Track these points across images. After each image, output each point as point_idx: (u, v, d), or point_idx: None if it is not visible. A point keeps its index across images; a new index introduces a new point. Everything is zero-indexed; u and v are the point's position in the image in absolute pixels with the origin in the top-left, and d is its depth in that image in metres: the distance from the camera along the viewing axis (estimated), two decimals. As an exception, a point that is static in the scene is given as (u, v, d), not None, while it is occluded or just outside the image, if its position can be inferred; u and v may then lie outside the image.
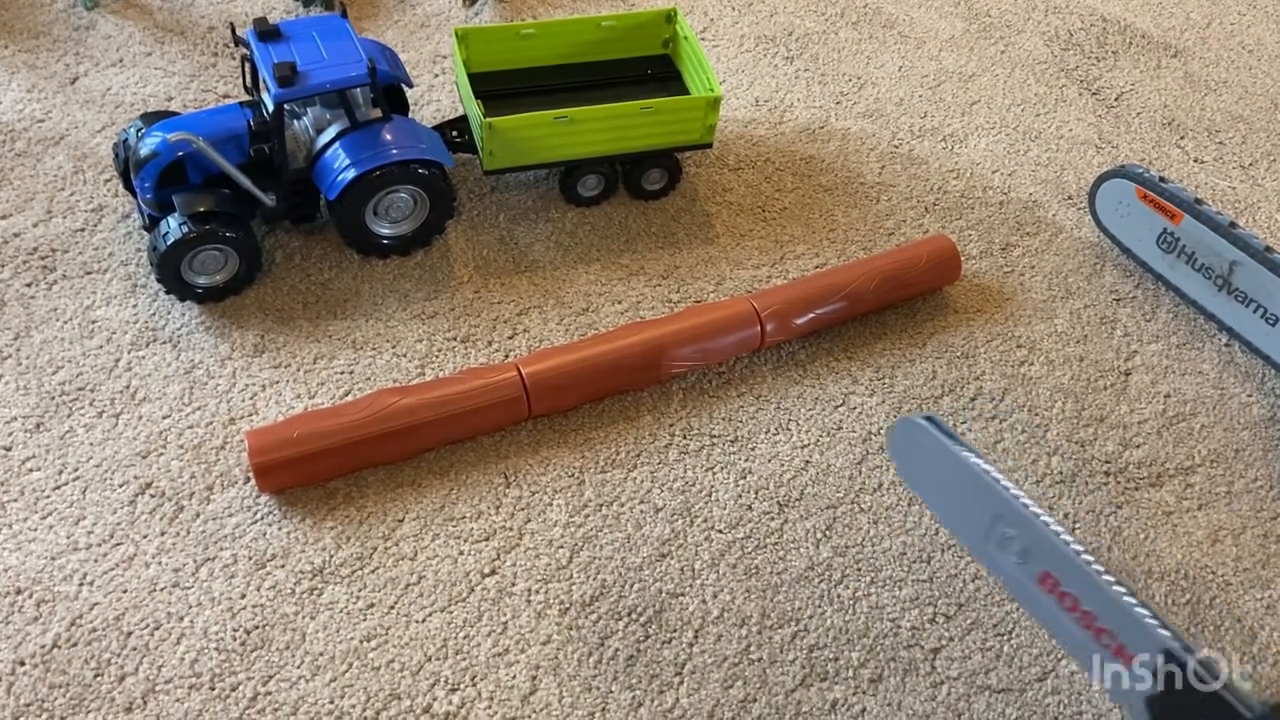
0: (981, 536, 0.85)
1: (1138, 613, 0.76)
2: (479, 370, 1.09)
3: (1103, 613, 0.78)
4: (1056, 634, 0.83)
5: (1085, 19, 1.67)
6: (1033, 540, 0.80)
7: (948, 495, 0.89)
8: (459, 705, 0.90)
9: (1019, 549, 0.82)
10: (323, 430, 1.02)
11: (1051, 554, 0.79)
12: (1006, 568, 0.84)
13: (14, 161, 1.29)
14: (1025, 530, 0.81)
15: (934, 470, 0.89)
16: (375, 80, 1.12)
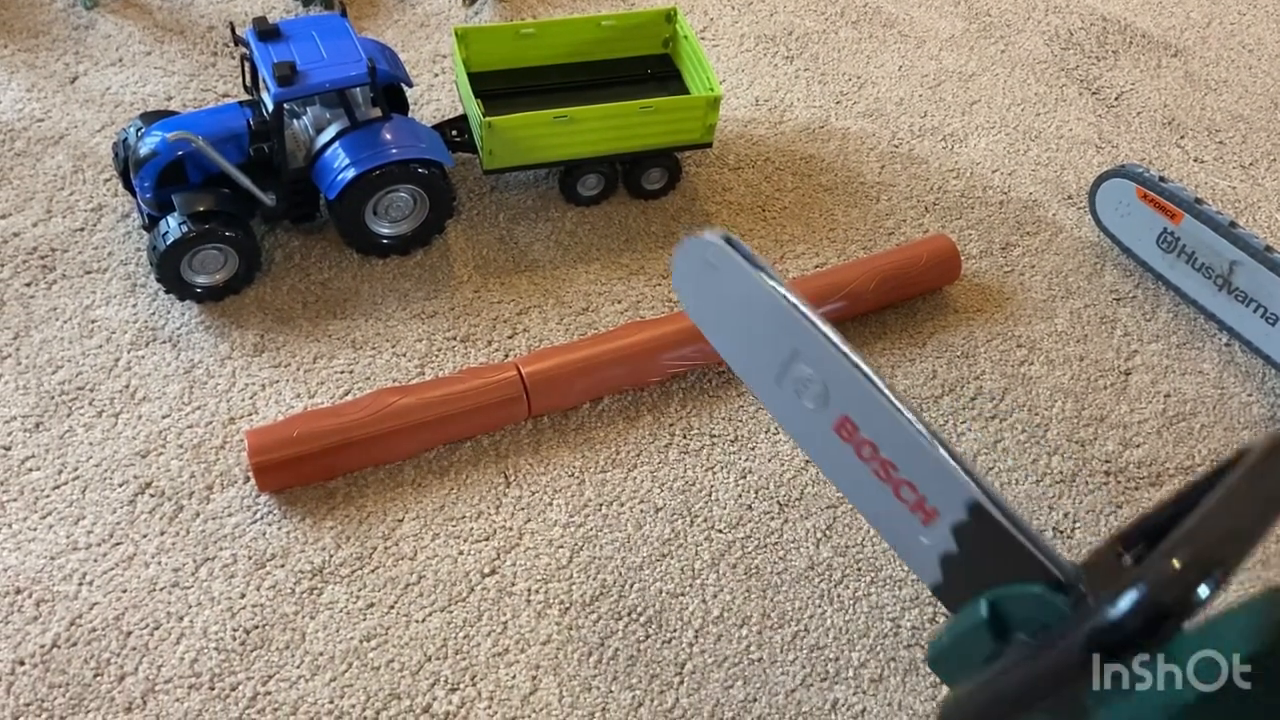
0: (774, 379, 0.73)
1: (941, 458, 0.66)
2: (479, 370, 1.09)
3: (903, 461, 0.68)
4: (852, 494, 0.74)
5: (1085, 18, 1.67)
6: (832, 378, 0.70)
7: (739, 329, 0.76)
8: (459, 705, 0.90)
9: (816, 391, 0.71)
10: (322, 430, 1.02)
11: (851, 393, 0.69)
12: (800, 416, 0.73)
13: (13, 161, 1.29)
14: (824, 367, 0.70)
15: (725, 300, 0.75)
16: (375, 80, 1.12)
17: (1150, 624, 0.53)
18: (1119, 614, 0.53)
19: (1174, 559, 0.53)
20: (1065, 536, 1.05)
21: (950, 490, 0.67)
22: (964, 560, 0.68)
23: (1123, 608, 0.53)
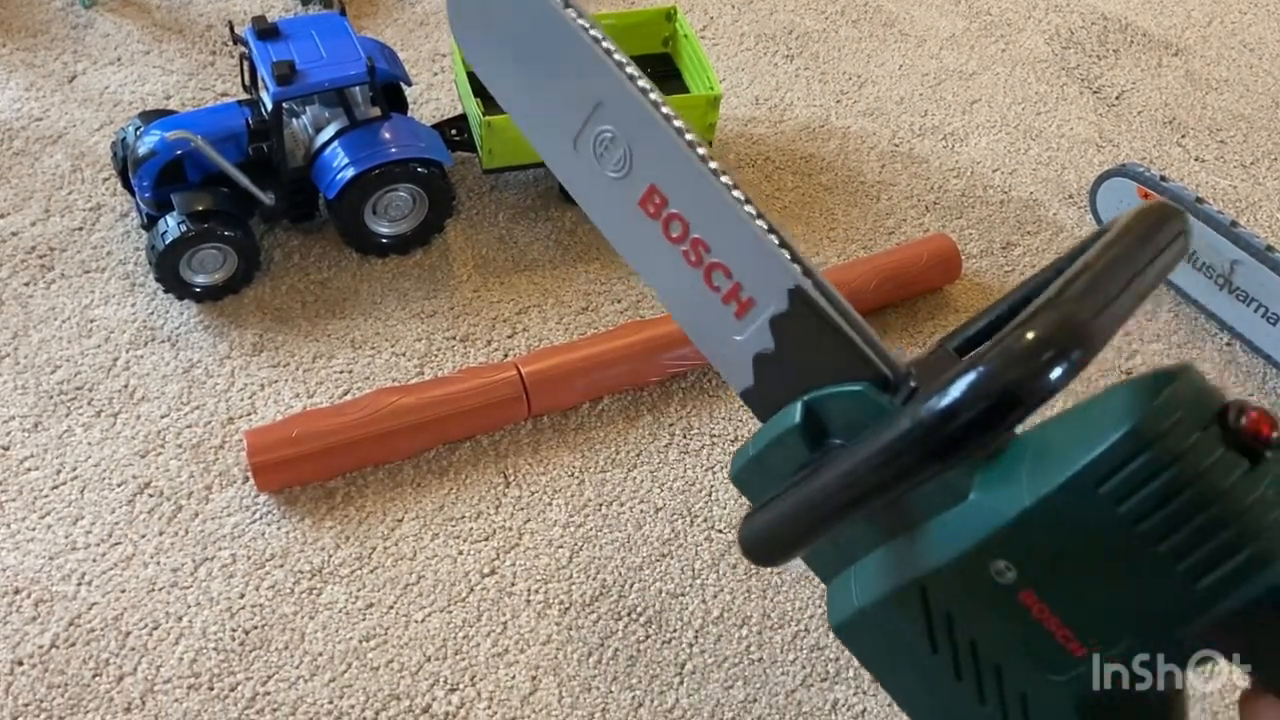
0: (570, 140, 0.61)
1: (761, 235, 0.56)
2: (478, 369, 1.09)
3: (718, 241, 0.58)
4: (657, 283, 0.62)
5: (1086, 17, 1.67)
6: (638, 136, 0.58)
7: (531, 78, 0.62)
8: (458, 705, 0.90)
9: (620, 155, 0.59)
10: (322, 429, 1.02)
11: (661, 155, 0.58)
12: (599, 187, 0.61)
13: (12, 160, 1.29)
14: (630, 124, 0.58)
15: (516, 40, 0.61)
16: (374, 79, 1.12)
17: (992, 412, 0.43)
18: (954, 399, 0.43)
19: (1026, 332, 0.44)
20: (1066, 536, 1.05)
21: (771, 275, 0.57)
22: (781, 359, 0.57)
23: (957, 392, 0.43)
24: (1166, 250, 0.49)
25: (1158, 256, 0.49)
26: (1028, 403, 0.44)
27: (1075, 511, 0.47)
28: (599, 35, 0.58)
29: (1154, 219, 0.50)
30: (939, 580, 0.52)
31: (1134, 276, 0.46)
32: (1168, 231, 0.50)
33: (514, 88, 0.64)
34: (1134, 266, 0.46)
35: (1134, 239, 0.48)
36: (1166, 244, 0.49)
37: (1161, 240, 0.49)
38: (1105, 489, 0.45)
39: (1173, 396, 0.44)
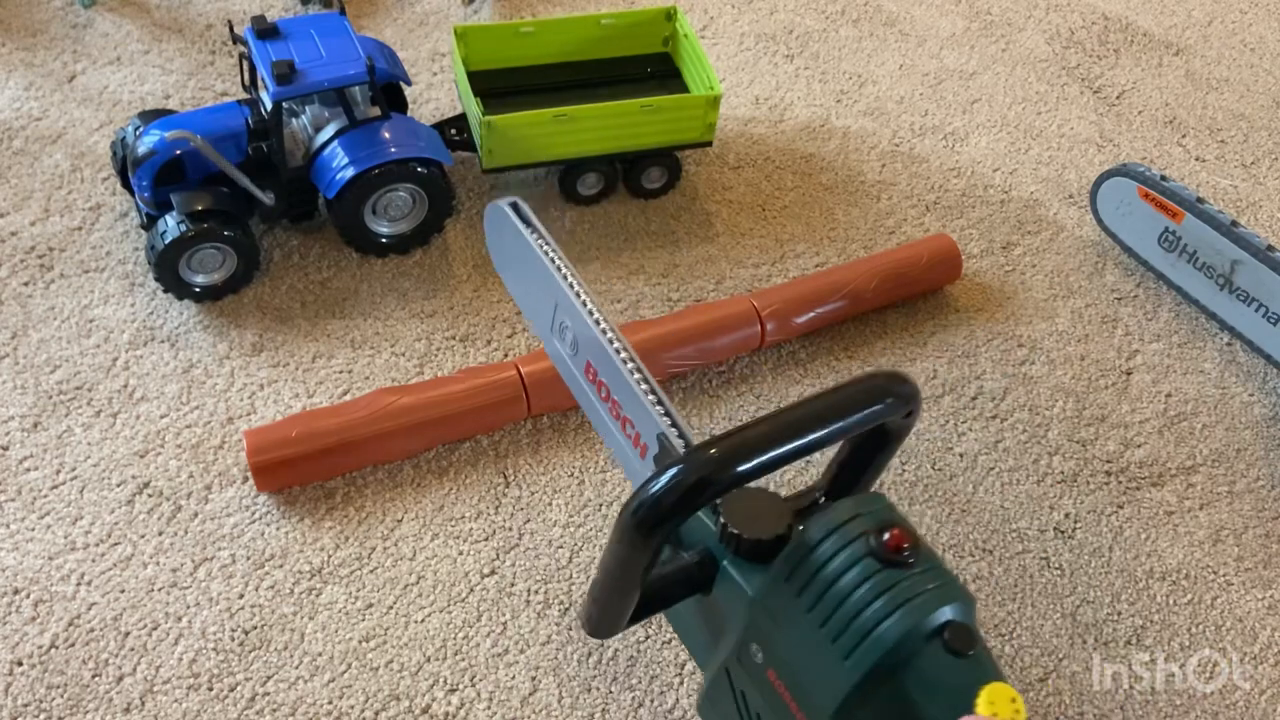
0: (549, 327, 0.86)
1: (639, 396, 0.76)
2: (477, 369, 1.09)
3: (623, 400, 0.79)
4: (598, 426, 0.84)
5: (1086, 17, 1.67)
6: (579, 330, 0.81)
7: (526, 284, 0.87)
8: (458, 706, 0.90)
9: (571, 339, 0.83)
10: (321, 430, 1.01)
11: (591, 343, 0.80)
12: (565, 359, 0.85)
13: (11, 160, 1.29)
14: (574, 319, 0.81)
15: (515, 257, 0.87)
16: (374, 78, 1.12)
17: (684, 497, 0.60)
18: (658, 486, 0.60)
19: (713, 449, 0.61)
20: (1066, 537, 1.05)
21: (647, 425, 0.76)
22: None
23: (661, 481, 0.60)
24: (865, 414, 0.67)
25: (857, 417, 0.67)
26: (709, 491, 0.61)
27: (777, 600, 0.63)
28: (554, 254, 0.82)
29: (869, 388, 0.67)
30: (733, 663, 0.69)
31: (811, 419, 0.65)
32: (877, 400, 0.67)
33: (521, 292, 0.90)
34: (814, 413, 0.65)
35: (830, 404, 0.66)
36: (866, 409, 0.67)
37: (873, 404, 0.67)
38: (789, 582, 0.63)
39: (837, 516, 0.63)
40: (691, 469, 0.61)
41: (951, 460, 1.10)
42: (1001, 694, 0.56)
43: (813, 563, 0.61)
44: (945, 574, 0.61)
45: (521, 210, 0.85)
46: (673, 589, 0.68)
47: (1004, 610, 0.99)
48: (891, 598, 0.58)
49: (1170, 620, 1.00)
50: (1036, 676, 0.95)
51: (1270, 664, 0.98)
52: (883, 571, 0.59)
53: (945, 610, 0.59)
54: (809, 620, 0.61)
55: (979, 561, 1.02)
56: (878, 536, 0.60)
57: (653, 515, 0.61)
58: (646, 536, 0.62)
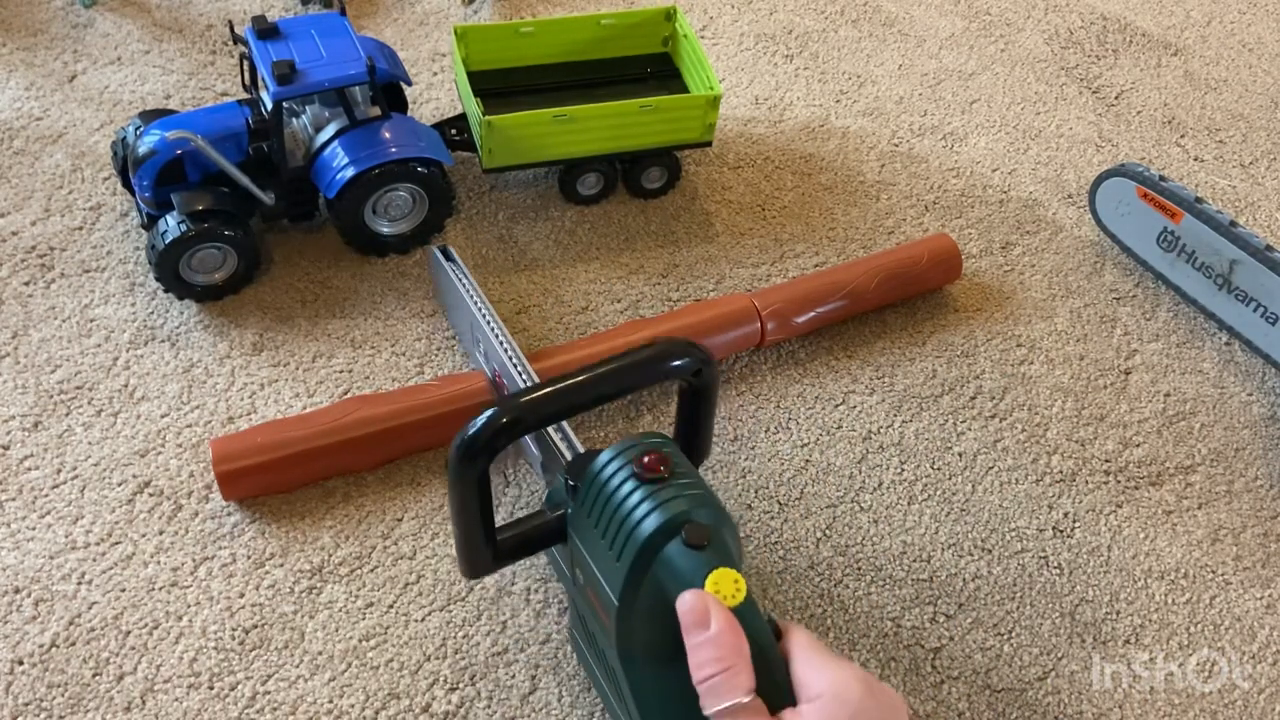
0: (473, 345, 1.08)
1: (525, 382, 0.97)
2: (453, 377, 1.08)
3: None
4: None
5: (1085, 17, 1.67)
6: (486, 345, 1.03)
7: (457, 312, 1.11)
8: (458, 704, 0.90)
9: (483, 352, 1.05)
10: (288, 438, 1.00)
11: (495, 355, 1.01)
12: (483, 367, 1.07)
13: (12, 160, 1.29)
14: (485, 339, 1.03)
15: (446, 291, 1.12)
16: (374, 78, 1.12)
17: (496, 433, 0.73)
18: (476, 425, 0.73)
19: (522, 396, 0.74)
20: (1065, 536, 1.05)
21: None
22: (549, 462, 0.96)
23: (479, 422, 0.73)
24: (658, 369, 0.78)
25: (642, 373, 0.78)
26: (514, 431, 0.74)
27: (579, 524, 0.76)
28: (469, 287, 1.07)
29: (654, 351, 0.78)
30: (572, 591, 0.83)
31: (589, 387, 0.76)
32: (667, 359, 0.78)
33: (454, 316, 1.13)
34: (620, 370, 0.77)
35: (620, 365, 0.77)
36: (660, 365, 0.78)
37: (659, 365, 0.78)
38: (583, 506, 0.75)
39: (615, 449, 0.75)
40: (502, 411, 0.73)
41: (950, 459, 1.10)
42: (725, 576, 0.68)
43: (594, 486, 0.74)
44: (700, 488, 0.73)
45: (451, 255, 1.12)
46: (538, 537, 0.81)
47: (1002, 609, 0.99)
48: (647, 504, 0.70)
49: (1169, 619, 1.00)
50: (1035, 675, 0.96)
51: (1269, 663, 0.98)
52: (642, 486, 0.71)
53: (692, 512, 0.70)
54: (595, 534, 0.74)
55: (977, 560, 1.03)
56: (639, 460, 0.72)
57: (471, 449, 0.73)
58: (468, 466, 0.74)
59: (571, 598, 0.85)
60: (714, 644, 0.66)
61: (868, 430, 1.12)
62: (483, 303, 1.05)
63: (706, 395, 0.83)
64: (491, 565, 0.81)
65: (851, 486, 1.07)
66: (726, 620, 0.66)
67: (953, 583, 1.01)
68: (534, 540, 0.81)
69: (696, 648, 0.67)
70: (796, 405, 1.13)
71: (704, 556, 0.69)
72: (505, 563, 0.81)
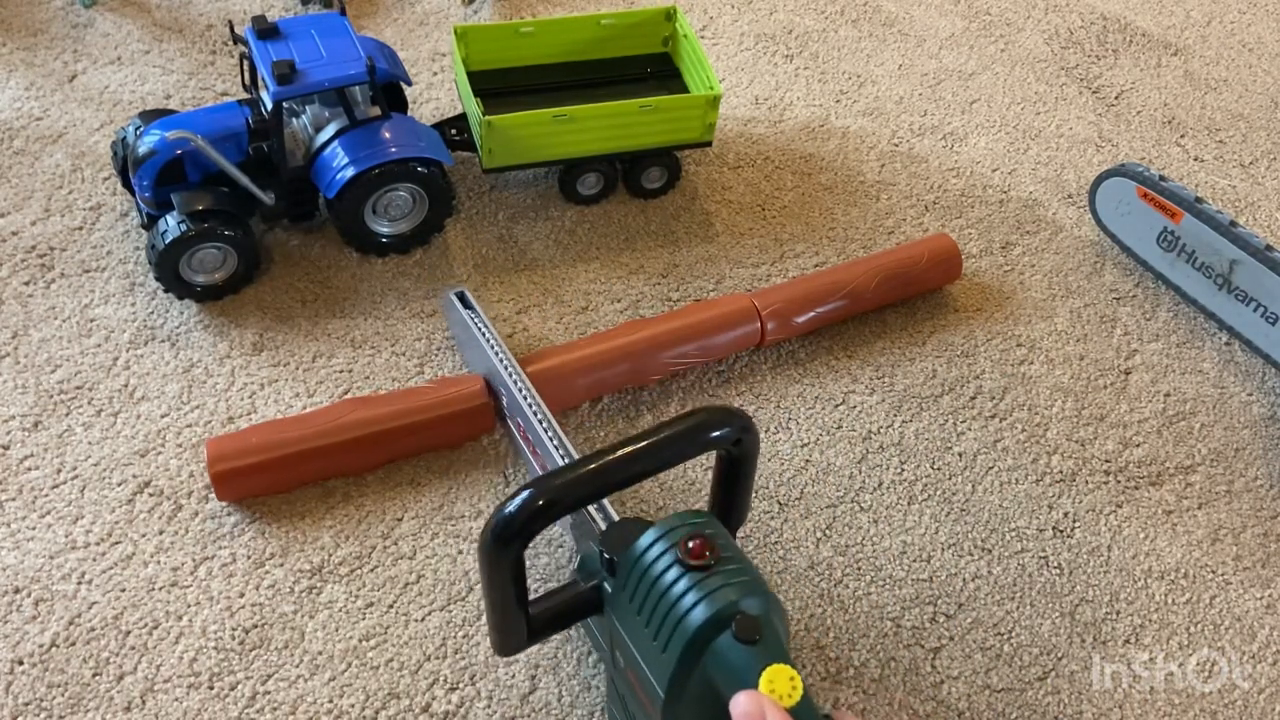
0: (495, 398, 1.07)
1: (553, 449, 0.95)
2: (449, 380, 1.07)
3: (543, 453, 0.97)
4: (530, 472, 1.03)
5: (1085, 17, 1.67)
6: (510, 399, 1.02)
7: (474, 356, 1.10)
8: (458, 704, 0.90)
9: (506, 404, 1.04)
10: (283, 439, 1.00)
11: (518, 409, 1.00)
12: (506, 418, 1.06)
13: (12, 159, 1.29)
14: (507, 392, 1.02)
15: (463, 336, 1.11)
16: (374, 78, 1.12)
17: (532, 515, 0.69)
18: (511, 507, 0.70)
19: (558, 477, 0.71)
20: (1065, 536, 1.05)
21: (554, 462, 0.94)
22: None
23: (514, 502, 0.70)
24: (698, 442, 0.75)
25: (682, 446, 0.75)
26: (553, 512, 0.70)
27: (620, 607, 0.73)
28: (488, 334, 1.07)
29: (694, 423, 0.75)
30: (612, 670, 0.79)
31: (629, 464, 0.73)
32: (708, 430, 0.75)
33: (471, 357, 1.12)
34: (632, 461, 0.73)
35: (659, 438, 0.74)
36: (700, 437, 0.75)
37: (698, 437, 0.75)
38: (625, 590, 0.72)
39: (656, 530, 0.71)
40: (539, 492, 0.70)
41: (950, 459, 1.10)
42: (780, 674, 0.64)
43: (637, 571, 0.71)
44: (747, 574, 0.69)
45: (466, 298, 1.12)
46: (572, 610, 0.78)
47: (1002, 609, 0.99)
48: (693, 595, 0.67)
49: (1169, 619, 1.00)
50: (1035, 675, 0.96)
51: (1269, 663, 0.98)
52: (687, 574, 0.68)
53: (741, 603, 0.67)
54: (639, 621, 0.70)
55: (977, 560, 1.03)
56: (684, 545, 0.69)
57: (506, 531, 0.70)
58: (503, 549, 0.70)
59: (609, 675, 0.82)
60: None
61: (868, 430, 1.12)
62: (504, 353, 1.04)
63: (747, 463, 0.80)
64: (525, 642, 0.78)
65: (851, 486, 1.07)
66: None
67: (953, 583, 1.01)
68: (569, 614, 0.78)
69: None
70: (796, 405, 1.13)
71: (757, 652, 0.66)
72: (539, 639, 0.78)
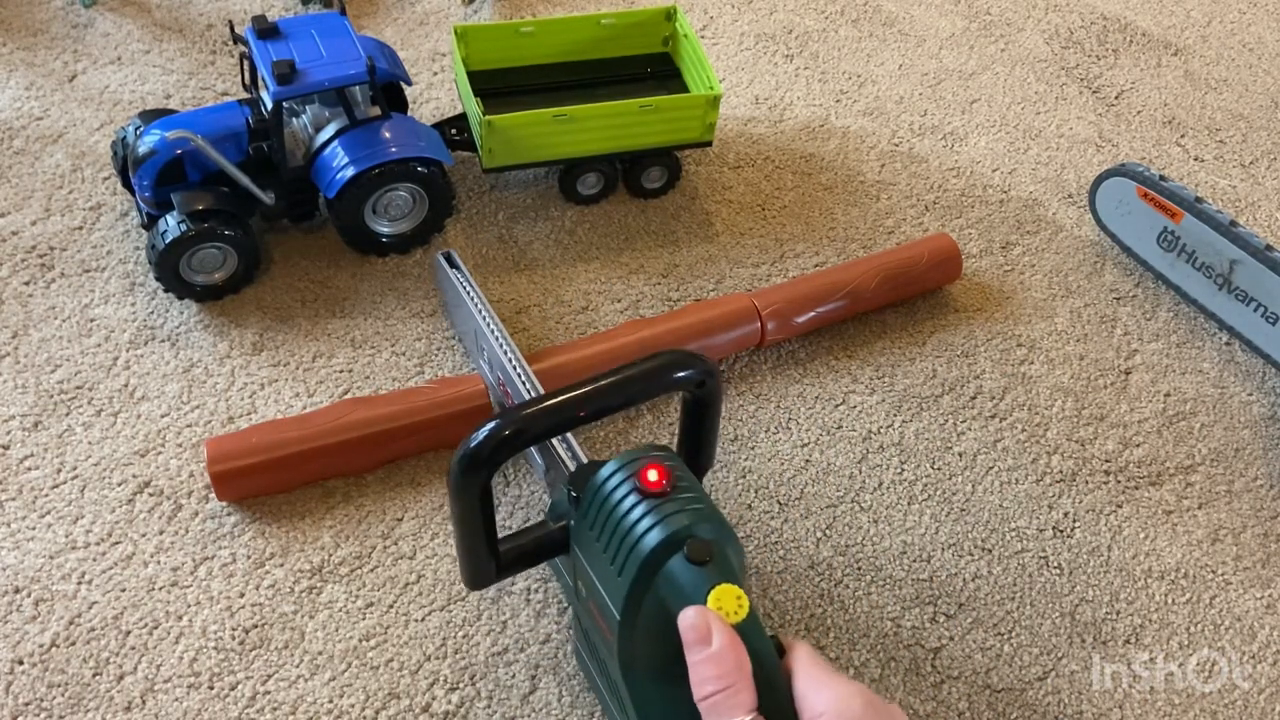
0: (477, 353, 1.08)
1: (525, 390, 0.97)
2: (449, 380, 1.07)
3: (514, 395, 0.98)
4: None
5: (1085, 17, 1.67)
6: (491, 354, 1.02)
7: (460, 317, 1.10)
8: (458, 704, 0.90)
9: (487, 359, 1.04)
10: (283, 439, 1.00)
11: (499, 364, 1.01)
12: (486, 375, 1.07)
13: (12, 159, 1.29)
14: (488, 346, 1.02)
15: (450, 297, 1.12)
16: (374, 78, 1.12)
17: (497, 446, 0.72)
18: (478, 438, 0.72)
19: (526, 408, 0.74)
20: (1065, 536, 1.05)
21: None
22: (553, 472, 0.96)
23: (480, 434, 0.72)
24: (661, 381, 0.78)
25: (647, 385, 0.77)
26: (515, 445, 0.73)
27: (581, 537, 0.75)
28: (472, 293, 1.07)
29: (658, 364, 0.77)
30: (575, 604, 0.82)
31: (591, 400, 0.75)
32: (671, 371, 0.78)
33: (458, 321, 1.13)
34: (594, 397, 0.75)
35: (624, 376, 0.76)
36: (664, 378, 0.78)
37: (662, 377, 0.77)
38: (586, 519, 0.74)
39: (617, 462, 0.74)
40: (504, 423, 0.72)
41: (950, 459, 1.10)
42: (728, 593, 0.67)
43: (598, 499, 0.73)
44: (702, 502, 0.72)
45: (454, 259, 1.11)
46: (540, 548, 0.81)
47: (1003, 609, 0.99)
48: (649, 519, 0.70)
49: (1169, 619, 1.00)
50: (1035, 675, 0.96)
51: (1269, 663, 0.98)
52: (643, 500, 0.71)
53: (694, 528, 0.69)
54: (598, 548, 0.73)
55: (978, 560, 1.03)
56: (643, 475, 0.71)
57: (473, 462, 0.72)
58: (470, 478, 0.73)
59: (574, 609, 0.84)
60: (715, 661, 0.65)
61: (868, 430, 1.12)
62: (486, 309, 1.05)
63: (711, 406, 0.83)
64: (494, 576, 0.80)
65: (851, 486, 1.07)
66: (728, 637, 0.65)
67: (953, 583, 1.01)
68: (537, 552, 0.81)
69: (698, 665, 0.66)
70: (796, 405, 1.13)
71: (706, 572, 0.68)
72: (508, 574, 0.81)
